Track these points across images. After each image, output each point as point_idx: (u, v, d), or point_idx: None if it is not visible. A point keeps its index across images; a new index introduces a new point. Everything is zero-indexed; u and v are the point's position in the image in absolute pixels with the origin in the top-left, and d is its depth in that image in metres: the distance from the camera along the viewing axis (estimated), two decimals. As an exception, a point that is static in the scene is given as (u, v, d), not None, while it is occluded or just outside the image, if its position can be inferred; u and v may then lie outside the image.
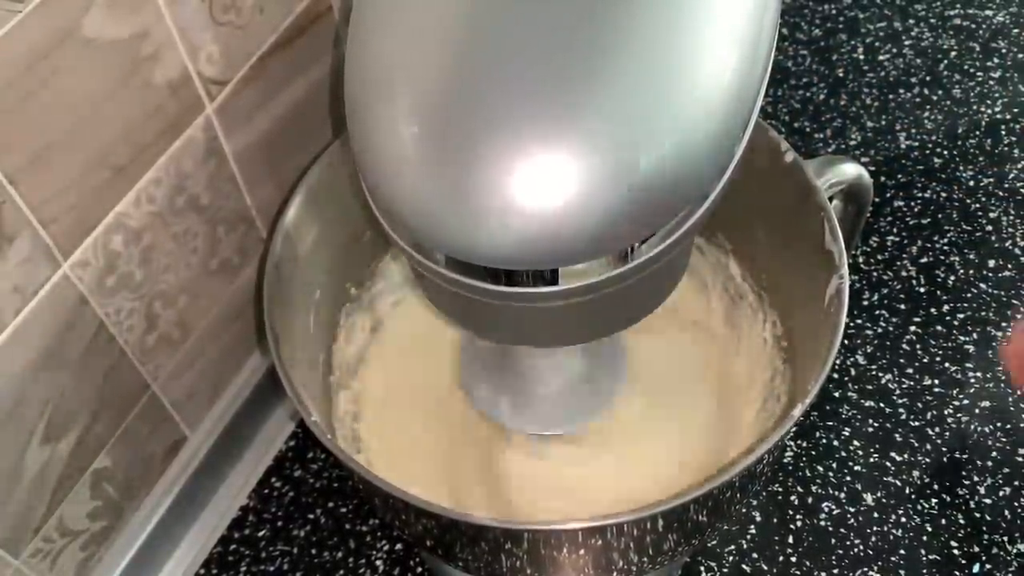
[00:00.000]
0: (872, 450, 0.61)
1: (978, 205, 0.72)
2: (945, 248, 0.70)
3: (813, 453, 0.62)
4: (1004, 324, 0.66)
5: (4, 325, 0.43)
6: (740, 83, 0.35)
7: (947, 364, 0.65)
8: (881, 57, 0.82)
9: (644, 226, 0.35)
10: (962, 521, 0.58)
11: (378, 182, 0.36)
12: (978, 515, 0.58)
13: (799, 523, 0.59)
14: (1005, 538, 0.57)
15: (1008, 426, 0.62)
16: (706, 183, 0.36)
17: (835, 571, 0.57)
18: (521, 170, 0.33)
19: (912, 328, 0.67)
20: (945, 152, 0.76)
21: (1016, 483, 0.59)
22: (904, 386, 0.64)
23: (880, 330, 0.67)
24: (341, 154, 0.54)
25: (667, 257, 0.37)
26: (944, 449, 0.61)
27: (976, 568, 0.56)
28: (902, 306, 0.68)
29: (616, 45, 0.33)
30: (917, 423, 0.62)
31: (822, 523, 0.59)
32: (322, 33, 0.58)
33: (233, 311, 0.60)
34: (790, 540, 0.58)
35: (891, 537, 0.58)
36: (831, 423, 0.63)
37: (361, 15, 0.37)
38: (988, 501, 0.59)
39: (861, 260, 0.70)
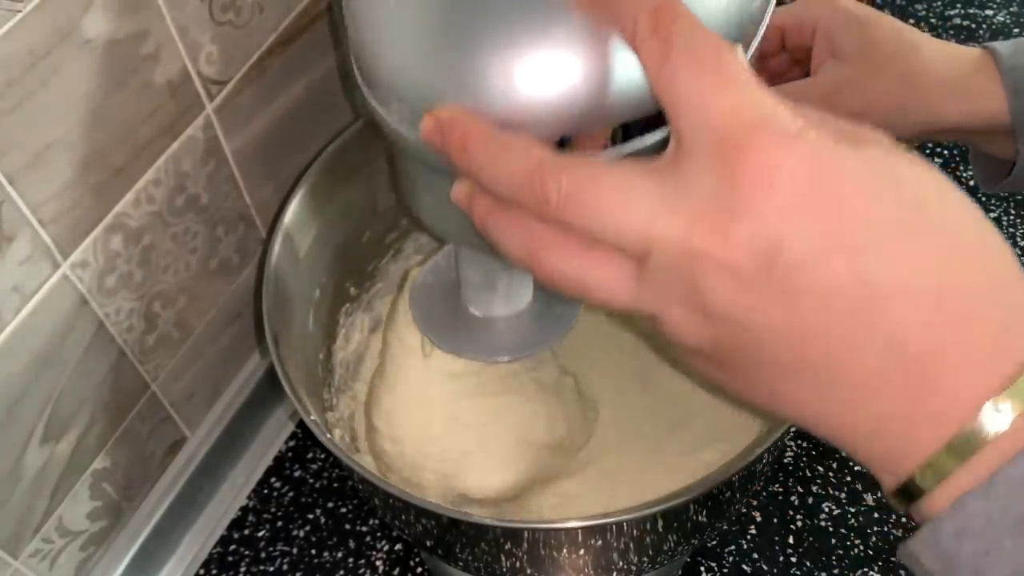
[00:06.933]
0: (872, 450, 0.61)
1: (978, 205, 0.72)
2: (945, 248, 0.70)
3: (813, 453, 0.62)
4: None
5: (4, 325, 0.43)
6: None
7: (947, 364, 0.65)
8: (881, 57, 0.82)
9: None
10: (962, 521, 0.58)
11: (374, 50, 0.34)
12: (978, 515, 0.58)
13: (799, 523, 0.59)
14: (1005, 538, 0.57)
15: (1008, 426, 0.62)
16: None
17: (835, 571, 0.57)
18: (528, 28, 0.31)
19: (912, 328, 0.67)
20: (945, 151, 0.76)
21: (1016, 483, 0.59)
22: (904, 386, 0.64)
23: (880, 330, 0.67)
24: (342, 149, 0.54)
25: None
26: (944, 449, 0.61)
27: (976, 568, 0.56)
28: (902, 306, 0.68)
29: None
30: (917, 423, 0.62)
31: (822, 523, 0.59)
32: (322, 33, 0.58)
33: (233, 311, 0.60)
34: (790, 540, 0.58)
35: (891, 537, 0.58)
36: (831, 423, 0.63)
37: None
38: (988, 501, 0.59)
39: (861, 260, 0.70)
